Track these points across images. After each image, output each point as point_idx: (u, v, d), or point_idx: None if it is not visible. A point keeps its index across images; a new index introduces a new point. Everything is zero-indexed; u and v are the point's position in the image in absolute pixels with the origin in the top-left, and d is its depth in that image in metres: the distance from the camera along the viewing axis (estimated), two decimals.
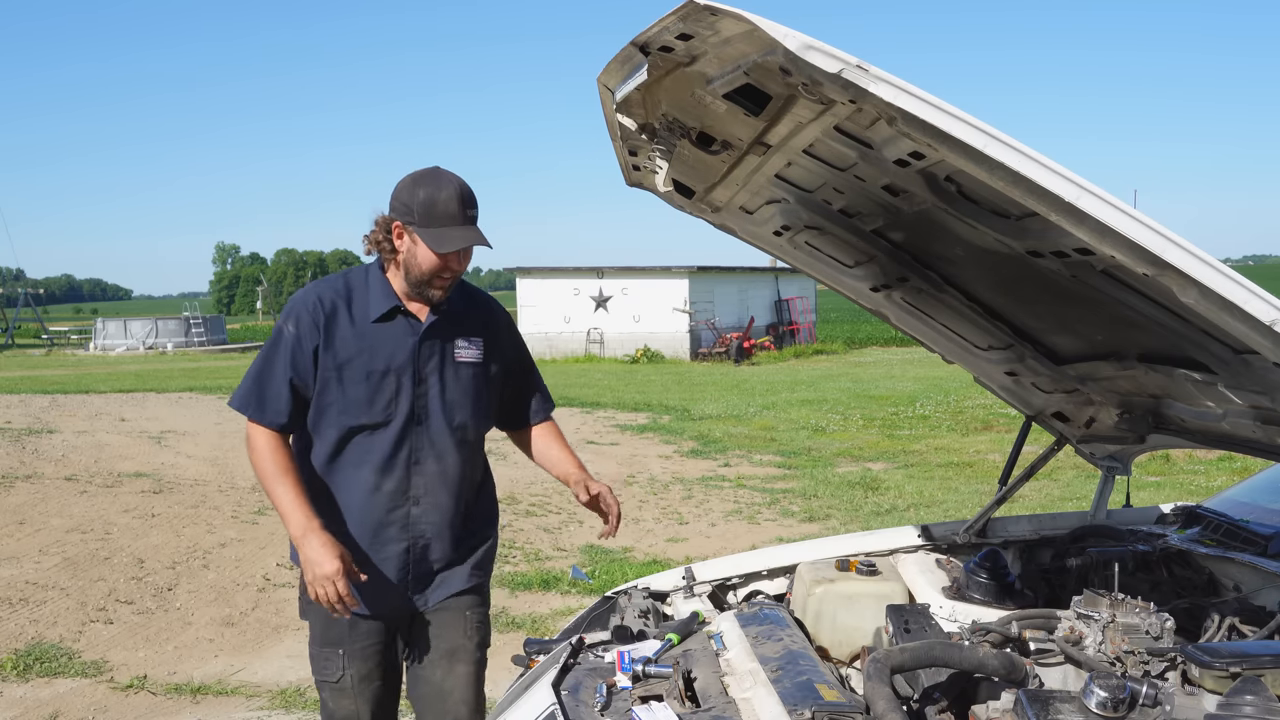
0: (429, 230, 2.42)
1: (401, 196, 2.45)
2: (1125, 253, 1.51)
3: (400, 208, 2.45)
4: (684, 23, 1.54)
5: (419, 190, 2.43)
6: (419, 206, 2.42)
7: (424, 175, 2.47)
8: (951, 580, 2.69)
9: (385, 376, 2.49)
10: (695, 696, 2.00)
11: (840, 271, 2.62)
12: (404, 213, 2.44)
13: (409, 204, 2.43)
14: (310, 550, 2.37)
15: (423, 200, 2.41)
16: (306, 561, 2.38)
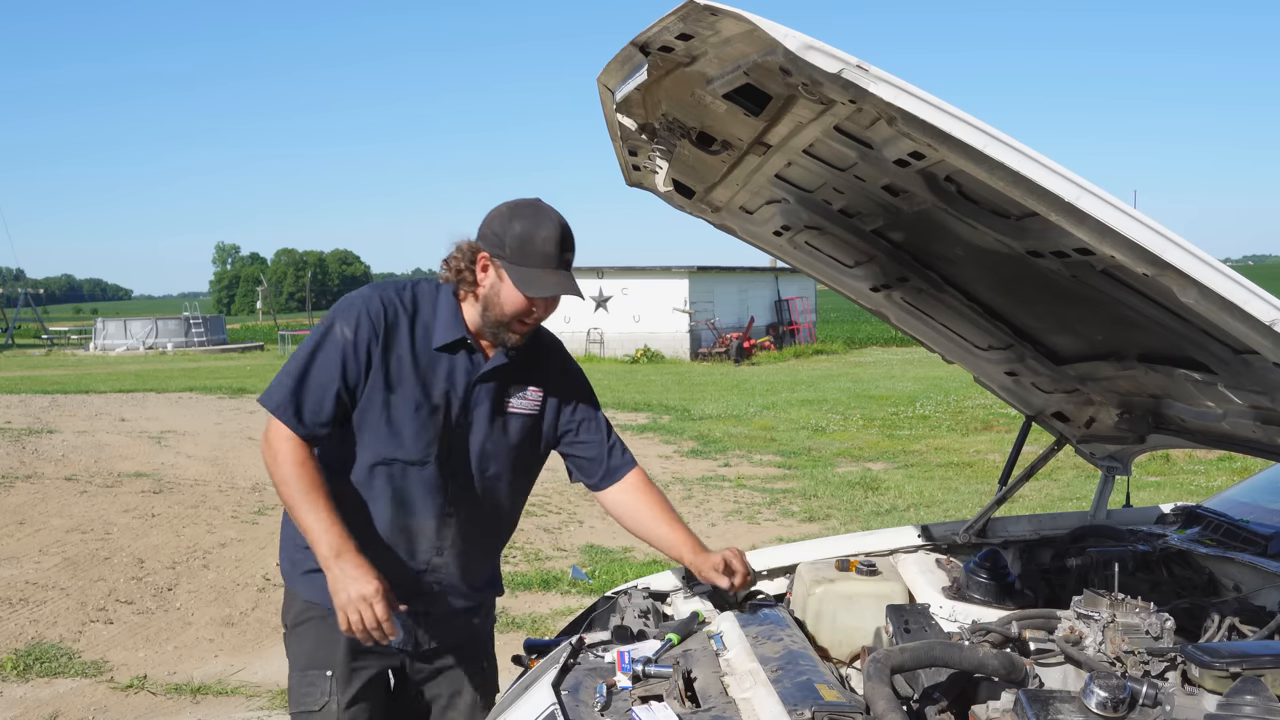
0: (520, 269, 2.20)
1: (494, 226, 2.23)
2: (1125, 253, 1.51)
3: (491, 238, 2.23)
4: (684, 23, 1.54)
5: (515, 223, 2.21)
6: (513, 241, 2.20)
7: (523, 207, 2.24)
8: (951, 580, 2.69)
9: (434, 413, 2.27)
10: (695, 696, 2.00)
11: (840, 271, 2.62)
12: (495, 244, 2.22)
13: (502, 236, 2.21)
14: (345, 572, 2.12)
15: (518, 235, 2.20)
16: (340, 583, 2.12)
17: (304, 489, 2.17)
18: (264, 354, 35.45)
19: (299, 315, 70.69)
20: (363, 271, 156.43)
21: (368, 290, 2.29)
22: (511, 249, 2.20)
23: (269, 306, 71.23)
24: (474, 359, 2.32)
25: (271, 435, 2.22)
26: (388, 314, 2.25)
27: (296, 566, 2.38)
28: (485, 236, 2.25)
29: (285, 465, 2.19)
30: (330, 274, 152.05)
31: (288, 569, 2.41)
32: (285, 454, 2.19)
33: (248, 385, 20.88)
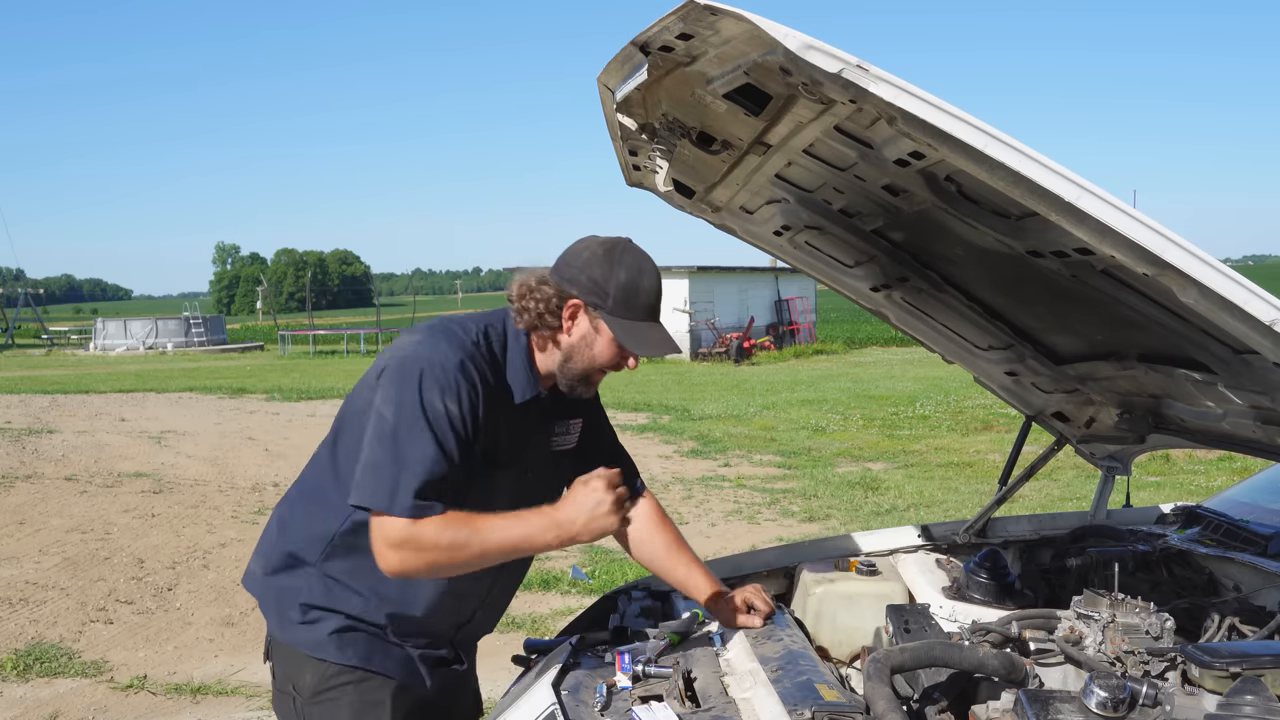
0: (624, 323, 2.00)
1: (592, 273, 2.00)
2: (1125, 253, 1.50)
3: (589, 286, 2.00)
4: (684, 22, 1.54)
5: (619, 271, 2.00)
6: (617, 291, 1.99)
7: (623, 252, 2.02)
8: (951, 580, 2.69)
9: (503, 471, 2.06)
10: (695, 696, 2.00)
11: (840, 271, 2.62)
12: (592, 292, 2.00)
13: (603, 285, 1.99)
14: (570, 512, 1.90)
15: (623, 284, 1.99)
16: (572, 521, 1.90)
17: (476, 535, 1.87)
18: (264, 354, 35.45)
19: (299, 315, 70.69)
20: (363, 271, 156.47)
21: (448, 349, 1.95)
22: (616, 300, 2.00)
23: (269, 306, 71.21)
24: (540, 406, 2.12)
25: (404, 536, 1.84)
26: (480, 379, 1.97)
27: (316, 629, 2.04)
28: (578, 283, 2.01)
29: (445, 545, 1.86)
30: (330, 274, 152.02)
31: (299, 635, 2.04)
32: (430, 538, 1.85)
33: (248, 385, 20.88)
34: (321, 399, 18.15)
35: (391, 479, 1.85)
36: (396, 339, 2.10)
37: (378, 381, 1.95)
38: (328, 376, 23.28)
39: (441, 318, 2.10)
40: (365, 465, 1.89)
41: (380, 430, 1.88)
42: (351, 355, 32.38)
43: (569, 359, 2.07)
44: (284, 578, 2.08)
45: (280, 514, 2.18)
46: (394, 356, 1.97)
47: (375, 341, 35.03)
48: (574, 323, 2.04)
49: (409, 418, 1.88)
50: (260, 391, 19.62)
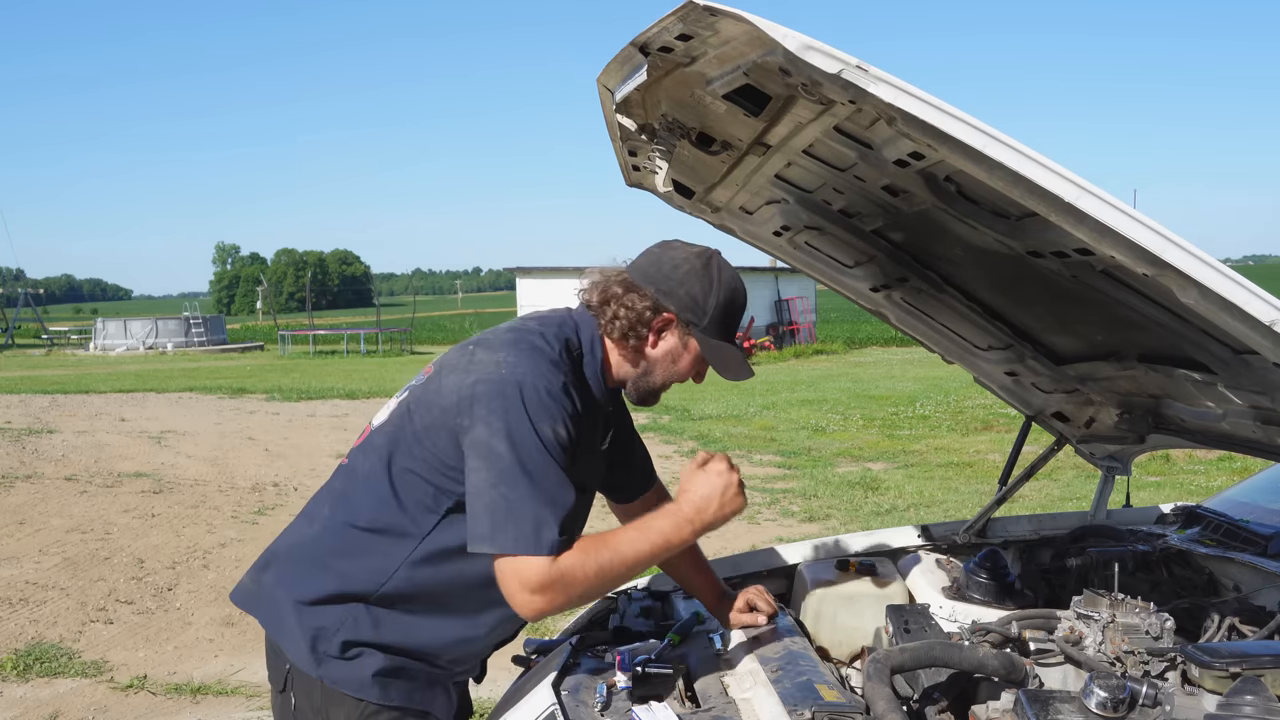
0: (715, 344, 1.97)
1: (691, 289, 1.94)
2: (1125, 253, 1.51)
3: (687, 302, 1.94)
4: (683, 23, 1.54)
5: (719, 291, 1.95)
6: (715, 311, 1.95)
7: (720, 269, 1.97)
8: (951, 580, 2.69)
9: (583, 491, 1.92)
10: (695, 696, 2.00)
11: (840, 271, 2.62)
12: (690, 309, 1.94)
13: (701, 302, 1.94)
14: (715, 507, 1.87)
15: (721, 305, 1.95)
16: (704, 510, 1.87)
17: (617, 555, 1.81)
18: (264, 354, 35.44)
19: (299, 315, 70.69)
20: (363, 271, 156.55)
21: (548, 370, 1.85)
22: (713, 320, 1.95)
23: (269, 306, 71.21)
24: (603, 413, 2.05)
25: (549, 576, 1.74)
26: (575, 401, 1.88)
27: (356, 666, 1.90)
28: (676, 296, 1.94)
29: (593, 574, 1.78)
30: (330, 274, 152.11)
31: (337, 672, 1.89)
32: (576, 572, 1.76)
33: (248, 385, 20.87)
34: (321, 399, 18.15)
35: (532, 519, 1.73)
36: (464, 355, 1.91)
37: (471, 410, 1.80)
38: (328, 376, 23.28)
39: (515, 328, 1.95)
40: (492, 508, 1.75)
41: (499, 468, 1.76)
42: (351, 355, 32.37)
43: (649, 372, 2.01)
44: (325, 611, 1.90)
45: (319, 538, 1.97)
46: (482, 379, 1.82)
47: (375, 341, 35.01)
48: (661, 337, 1.98)
49: (529, 451, 1.77)
50: (260, 391, 19.62)
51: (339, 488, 2.00)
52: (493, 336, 1.94)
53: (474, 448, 1.79)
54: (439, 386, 1.89)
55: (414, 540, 1.88)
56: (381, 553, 1.90)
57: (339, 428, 14.17)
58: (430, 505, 1.88)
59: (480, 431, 1.79)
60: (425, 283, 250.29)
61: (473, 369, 1.85)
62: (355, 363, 29.05)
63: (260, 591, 2.01)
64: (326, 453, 11.95)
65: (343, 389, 19.60)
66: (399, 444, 1.91)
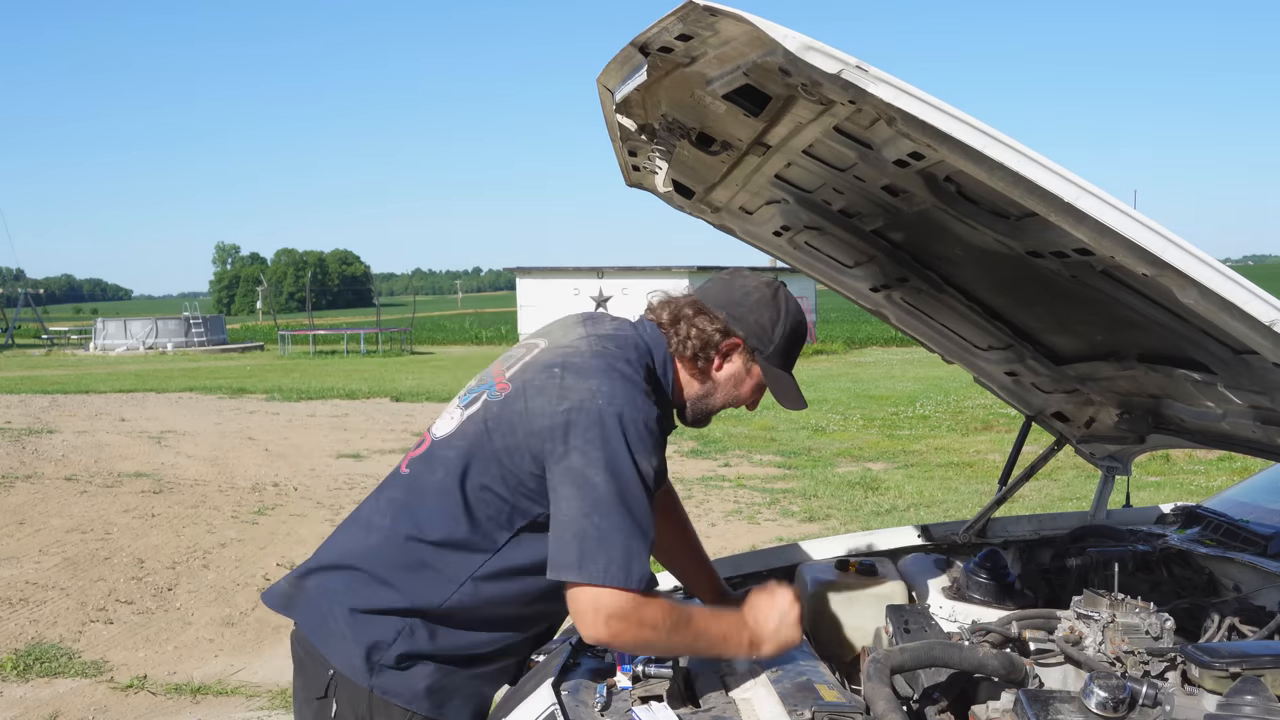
0: (777, 374, 2.03)
1: (760, 317, 2.01)
2: (1125, 253, 1.51)
3: (756, 330, 2.00)
4: (683, 23, 1.54)
5: (786, 321, 2.02)
6: (781, 341, 2.01)
7: (787, 300, 2.04)
8: (951, 580, 2.69)
9: None
10: (695, 696, 2.00)
11: (840, 271, 2.63)
12: (758, 337, 2.01)
13: (769, 330, 2.01)
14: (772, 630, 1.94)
15: (787, 335, 2.02)
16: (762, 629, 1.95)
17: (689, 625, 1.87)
18: (264, 354, 35.44)
19: (299, 315, 70.69)
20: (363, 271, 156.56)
21: (644, 402, 1.86)
22: (779, 350, 2.02)
23: (269, 306, 71.23)
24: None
25: (626, 609, 1.76)
26: (664, 432, 1.93)
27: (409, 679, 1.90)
28: (745, 322, 2.00)
29: (663, 624, 1.81)
30: (330, 274, 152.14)
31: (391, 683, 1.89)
32: (651, 617, 1.79)
33: (248, 385, 20.87)
34: (321, 399, 18.15)
35: (623, 550, 1.74)
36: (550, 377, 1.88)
37: (566, 437, 1.79)
38: (328, 376, 23.28)
39: (599, 353, 1.91)
40: (581, 536, 1.75)
41: (594, 498, 1.76)
42: (351, 355, 32.38)
43: (710, 395, 2.05)
44: (383, 621, 1.90)
45: (379, 549, 1.94)
46: (577, 408, 1.81)
47: (375, 341, 35.01)
48: (727, 361, 2.02)
49: (627, 484, 1.78)
50: (260, 391, 19.62)
51: (401, 499, 1.97)
52: (579, 360, 1.91)
53: (566, 474, 1.79)
54: (525, 409, 1.86)
55: (483, 557, 1.88)
56: (447, 568, 1.89)
57: (339, 428, 14.17)
58: (504, 523, 1.88)
59: (575, 460, 1.78)
60: (425, 283, 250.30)
61: (566, 395, 1.84)
62: (355, 363, 29.06)
63: (301, 596, 2.00)
64: (326, 453, 11.96)
65: (343, 389, 19.60)
66: (475, 460, 1.89)
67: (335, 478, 10.29)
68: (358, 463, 11.24)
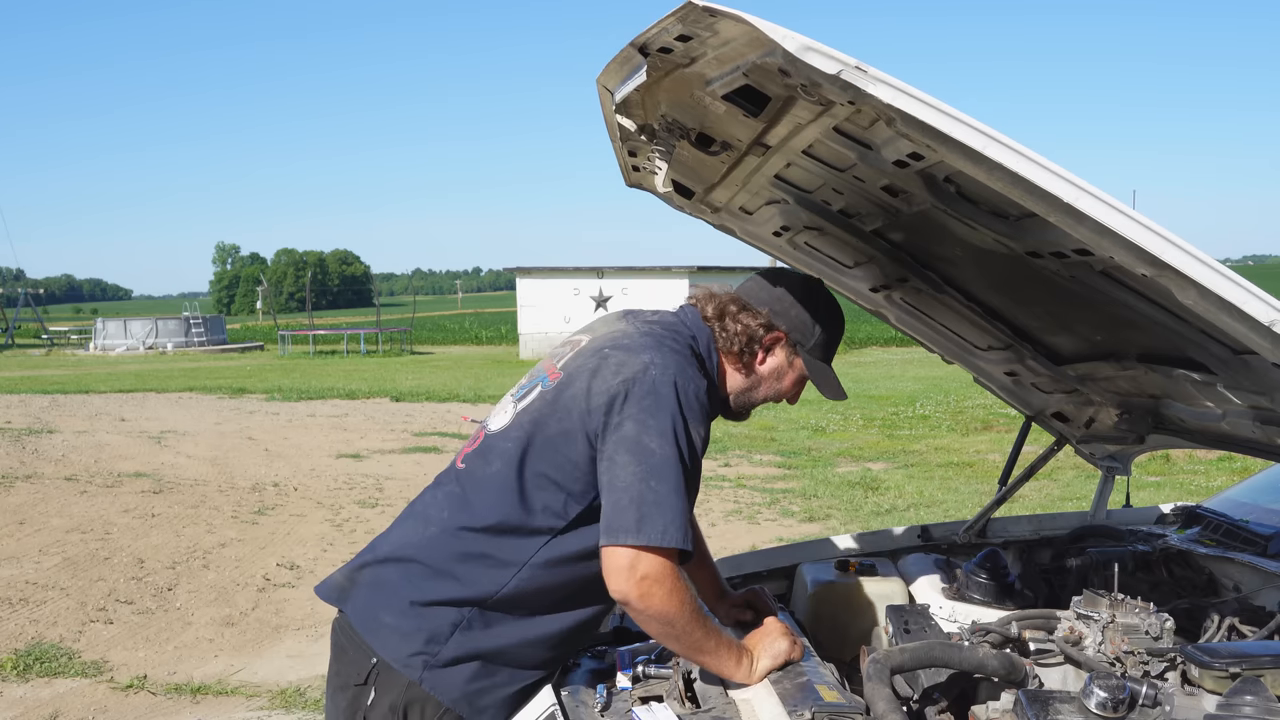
0: (818, 365, 2.09)
1: (801, 311, 2.07)
2: (1124, 253, 1.51)
3: (798, 324, 2.07)
4: (683, 24, 1.54)
5: (829, 318, 2.09)
6: (822, 335, 2.08)
7: (827, 297, 2.12)
8: (951, 580, 2.69)
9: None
10: (695, 697, 2.00)
11: (840, 272, 2.63)
12: (800, 331, 2.07)
13: (810, 327, 2.07)
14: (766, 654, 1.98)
15: (827, 329, 2.09)
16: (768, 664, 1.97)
17: (709, 624, 1.91)
18: (264, 354, 35.45)
19: (299, 315, 70.71)
20: (363, 271, 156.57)
21: (695, 374, 1.91)
22: (820, 344, 2.09)
23: (269, 306, 71.25)
24: None
25: (662, 572, 1.78)
26: (712, 402, 1.98)
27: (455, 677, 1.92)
28: (788, 317, 2.06)
29: (689, 602, 1.84)
30: (330, 274, 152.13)
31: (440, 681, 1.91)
32: (681, 589, 1.81)
33: (248, 385, 20.88)
34: (321, 399, 18.15)
35: (678, 513, 1.79)
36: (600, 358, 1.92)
37: (622, 408, 1.83)
38: (328, 377, 23.28)
39: (646, 333, 1.98)
40: (640, 500, 1.77)
41: (651, 463, 1.79)
42: (351, 355, 32.37)
43: (754, 388, 2.09)
44: (439, 613, 1.92)
45: (437, 541, 1.97)
46: (632, 379, 1.85)
47: (375, 341, 35.01)
48: (770, 355, 2.08)
49: (684, 449, 1.82)
50: (260, 391, 19.62)
51: (458, 492, 2.00)
52: (628, 340, 1.95)
53: (622, 443, 1.81)
54: (579, 390, 1.90)
55: (538, 543, 1.91)
56: (503, 555, 1.92)
57: (339, 428, 14.17)
58: (558, 511, 1.91)
59: (630, 428, 1.81)
60: (425, 283, 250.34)
61: (620, 370, 1.87)
62: (355, 363, 29.06)
63: (355, 589, 2.02)
64: (326, 453, 11.96)
65: (343, 389, 19.60)
66: (532, 447, 1.92)
67: (335, 478, 10.29)
68: (357, 463, 11.24)
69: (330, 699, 2.05)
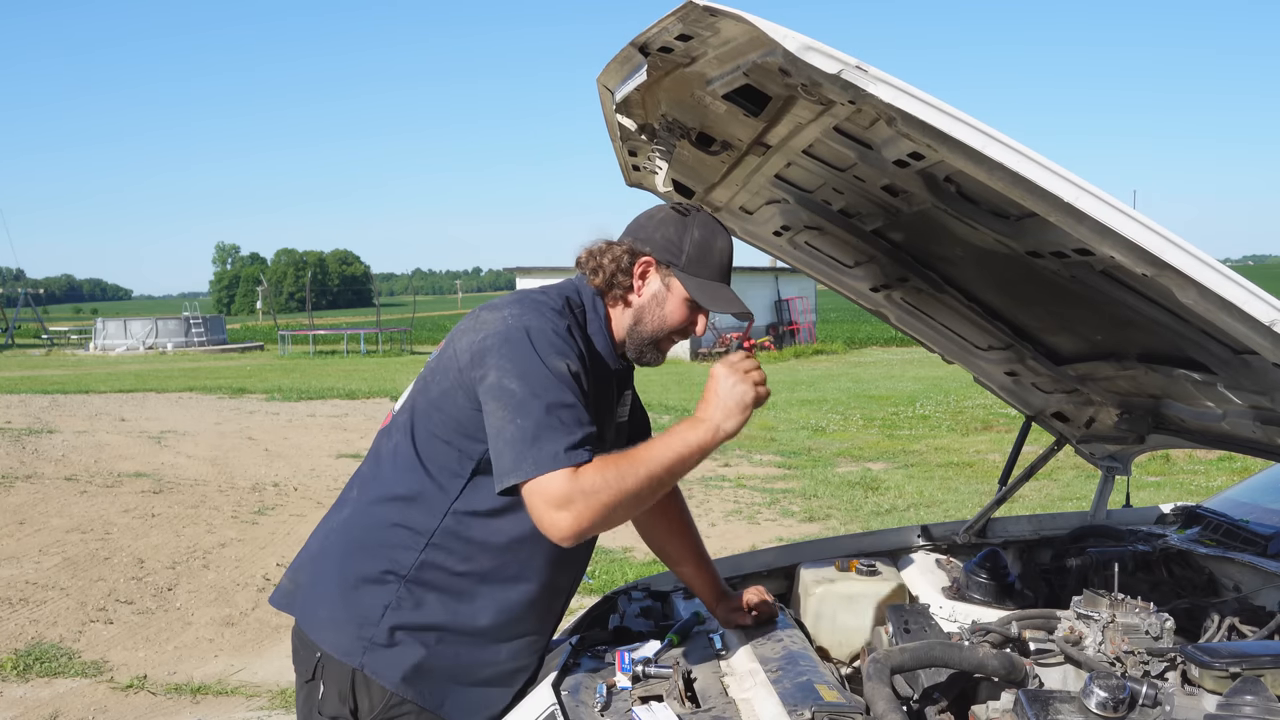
0: (697, 280, 2.00)
1: (665, 232, 2.01)
2: (1124, 253, 1.51)
3: (663, 244, 2.00)
4: (683, 24, 1.54)
5: (693, 230, 2.00)
6: (692, 249, 2.00)
7: (696, 214, 2.04)
8: (951, 580, 2.69)
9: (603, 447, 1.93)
10: (695, 697, 2.00)
11: (840, 271, 2.63)
12: (666, 251, 2.00)
13: (677, 243, 2.00)
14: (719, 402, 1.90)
15: (698, 242, 2.00)
16: (728, 405, 1.89)
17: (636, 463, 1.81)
18: (264, 354, 35.44)
19: (299, 315, 70.71)
20: (363, 271, 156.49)
21: (551, 315, 1.92)
22: (690, 258, 2.00)
23: (269, 306, 71.24)
24: (615, 377, 2.10)
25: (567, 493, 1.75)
26: (579, 344, 1.93)
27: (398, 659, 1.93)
28: (652, 240, 2.02)
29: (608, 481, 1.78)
30: (330, 274, 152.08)
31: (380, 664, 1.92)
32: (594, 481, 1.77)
33: (248, 385, 20.87)
34: (321, 399, 18.14)
35: (550, 441, 1.77)
36: (472, 319, 1.97)
37: (484, 361, 1.86)
38: (328, 376, 23.28)
39: (515, 292, 2.03)
40: (510, 440, 1.79)
41: (513, 403, 1.81)
42: (351, 355, 32.37)
43: (639, 321, 2.05)
44: (368, 593, 1.94)
45: (350, 520, 2.02)
46: (490, 333, 1.89)
47: (375, 341, 35.01)
48: (644, 282, 2.03)
49: (541, 381, 1.82)
50: (260, 391, 19.61)
51: (366, 471, 2.07)
52: (499, 300, 2.00)
53: (489, 392, 1.85)
54: (452, 351, 1.95)
55: (444, 504, 1.93)
56: (415, 524, 1.94)
57: (339, 428, 14.17)
58: (456, 469, 1.93)
59: (492, 377, 1.85)
60: (425, 283, 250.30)
61: (481, 327, 1.92)
62: (355, 363, 29.06)
63: (297, 590, 2.06)
64: (326, 453, 11.95)
65: (343, 389, 19.60)
66: (419, 413, 1.98)
67: (335, 478, 10.29)
68: (357, 463, 11.14)
69: (296, 701, 2.10)
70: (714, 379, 1.93)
